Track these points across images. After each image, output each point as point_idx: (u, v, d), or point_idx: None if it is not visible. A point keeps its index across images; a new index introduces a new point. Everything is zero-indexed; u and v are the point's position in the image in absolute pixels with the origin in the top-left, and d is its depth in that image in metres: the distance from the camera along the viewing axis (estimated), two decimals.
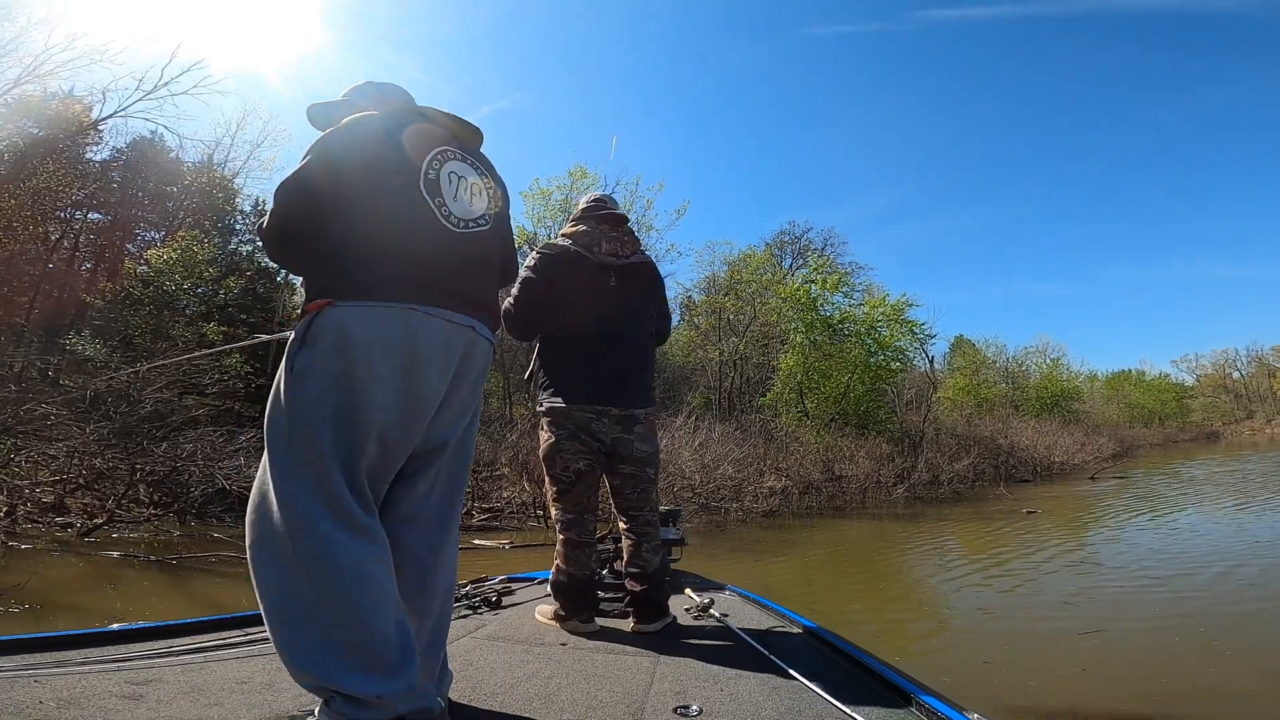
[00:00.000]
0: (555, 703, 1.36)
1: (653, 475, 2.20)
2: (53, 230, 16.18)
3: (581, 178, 17.19)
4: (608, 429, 2.09)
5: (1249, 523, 7.44)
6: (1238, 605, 4.13)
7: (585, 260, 2.14)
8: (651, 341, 2.29)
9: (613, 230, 2.22)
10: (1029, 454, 16.77)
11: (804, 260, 24.45)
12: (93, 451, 6.50)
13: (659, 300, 2.33)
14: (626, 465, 2.14)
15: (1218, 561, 5.39)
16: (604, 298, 2.14)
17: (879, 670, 1.53)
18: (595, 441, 2.10)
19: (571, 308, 2.12)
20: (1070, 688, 2.95)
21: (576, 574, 2.05)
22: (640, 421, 2.15)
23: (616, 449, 2.12)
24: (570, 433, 2.09)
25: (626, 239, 2.23)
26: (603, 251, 2.16)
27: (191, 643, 1.65)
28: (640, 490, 2.17)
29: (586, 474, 2.10)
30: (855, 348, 16.53)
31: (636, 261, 2.22)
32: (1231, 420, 52.82)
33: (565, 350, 2.16)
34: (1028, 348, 32.98)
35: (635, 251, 2.24)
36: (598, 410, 2.08)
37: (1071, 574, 5.36)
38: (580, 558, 2.07)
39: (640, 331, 2.23)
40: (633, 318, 2.20)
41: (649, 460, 2.17)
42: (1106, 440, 22.85)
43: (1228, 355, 59.95)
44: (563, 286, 2.11)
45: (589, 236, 2.18)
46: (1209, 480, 13.18)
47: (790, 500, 10.59)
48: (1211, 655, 3.27)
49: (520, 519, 9.08)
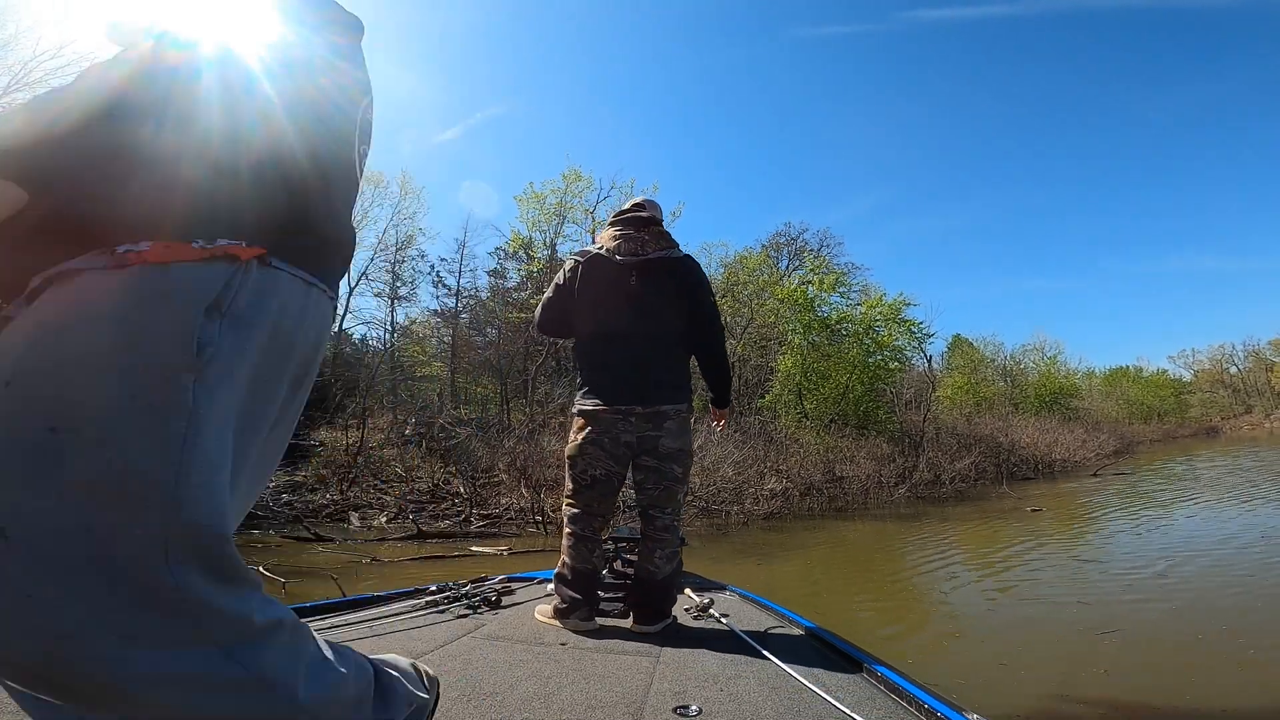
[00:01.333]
0: (555, 702, 1.36)
1: (679, 474, 2.13)
2: None
3: (576, 180, 17.17)
4: (634, 428, 2.09)
5: (1257, 516, 7.37)
6: (1257, 600, 4.05)
7: (607, 261, 2.18)
8: (679, 338, 2.20)
9: (636, 231, 2.22)
10: (1030, 452, 16.72)
11: (801, 261, 24.40)
12: None
13: (692, 296, 2.19)
14: (649, 458, 2.10)
15: (1230, 555, 5.33)
16: (625, 296, 2.15)
17: (879, 670, 1.53)
18: (620, 446, 2.09)
19: (595, 309, 2.17)
20: (1096, 690, 2.87)
21: (579, 567, 2.05)
22: (670, 418, 2.11)
23: (642, 445, 2.10)
24: (595, 436, 2.10)
25: (649, 238, 2.21)
26: (624, 251, 2.18)
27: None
28: (663, 487, 2.11)
29: (603, 481, 2.11)
30: (854, 348, 16.49)
31: (657, 257, 2.18)
32: (1230, 415, 52.85)
33: (591, 351, 2.19)
34: (1026, 345, 33.03)
35: (659, 248, 2.20)
36: (622, 410, 2.08)
37: (1080, 572, 5.29)
38: (583, 551, 2.07)
39: (663, 326, 2.17)
40: (653, 313, 2.15)
41: (675, 456, 2.11)
42: (1107, 437, 22.78)
43: (1224, 350, 60.10)
44: (585, 289, 2.17)
45: (614, 239, 2.21)
46: (1213, 475, 13.12)
47: (791, 502, 10.50)
48: (1238, 653, 3.19)
49: (519, 525, 8.97)
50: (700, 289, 2.22)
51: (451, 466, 11.67)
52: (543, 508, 9.00)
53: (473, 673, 1.52)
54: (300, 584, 5.16)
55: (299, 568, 5.92)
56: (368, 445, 12.65)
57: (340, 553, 7.09)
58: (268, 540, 7.51)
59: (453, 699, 1.33)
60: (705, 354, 2.27)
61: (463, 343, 23.02)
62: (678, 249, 2.24)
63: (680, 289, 2.19)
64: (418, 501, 10.27)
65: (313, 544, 7.43)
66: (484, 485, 10.52)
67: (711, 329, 2.24)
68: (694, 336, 2.22)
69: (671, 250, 2.21)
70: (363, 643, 1.72)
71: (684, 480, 2.16)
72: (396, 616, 2.06)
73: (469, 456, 11.48)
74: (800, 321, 16.79)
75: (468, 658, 1.65)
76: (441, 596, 2.28)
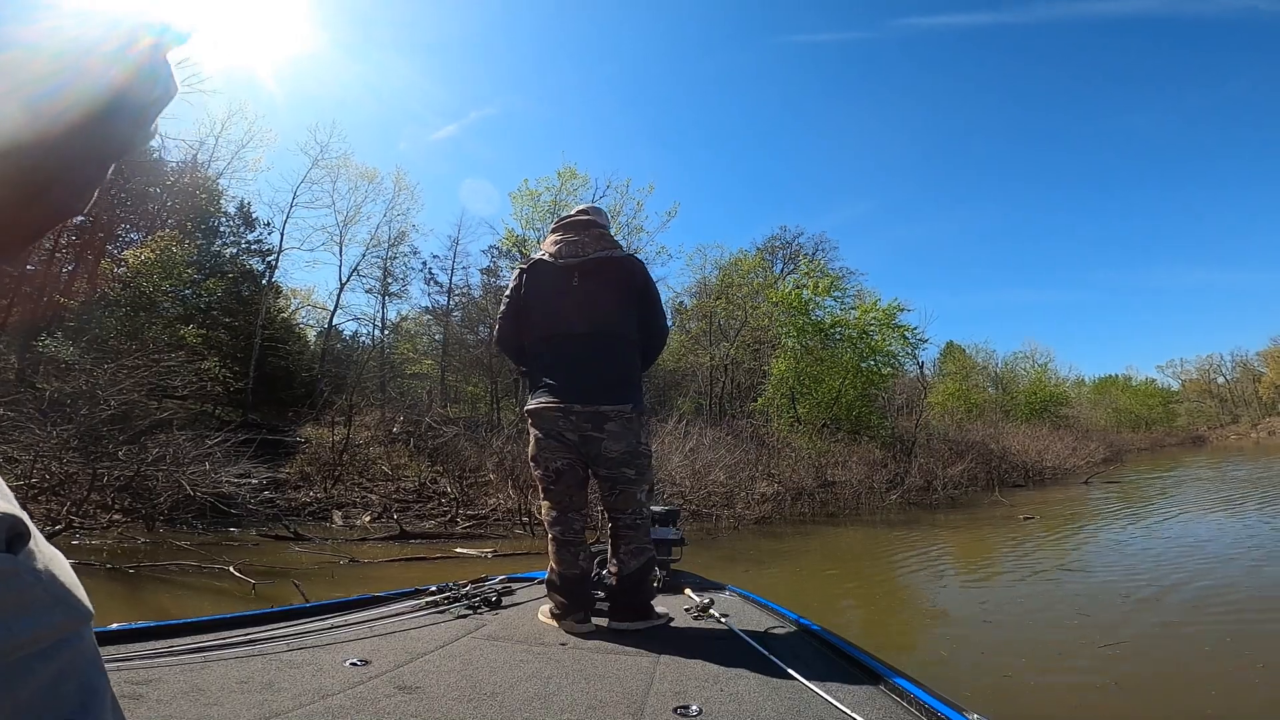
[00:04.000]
0: (555, 702, 1.35)
1: (632, 476, 2.13)
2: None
3: (571, 178, 17.03)
4: (575, 426, 2.09)
5: (1250, 525, 7.34)
6: (1259, 612, 3.99)
7: (548, 265, 2.23)
8: (624, 336, 2.21)
9: (577, 234, 2.26)
10: (1021, 459, 16.72)
11: (795, 265, 24.35)
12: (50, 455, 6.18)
13: (637, 294, 2.23)
14: (600, 467, 2.13)
15: (1228, 566, 5.27)
16: (566, 297, 2.18)
17: (879, 670, 1.52)
18: (565, 440, 2.11)
19: (537, 311, 2.22)
20: (1108, 705, 2.79)
21: (565, 572, 2.06)
22: (610, 419, 2.10)
23: (587, 449, 2.11)
24: (543, 433, 2.13)
25: (589, 240, 2.24)
26: (564, 254, 2.22)
27: (191, 643, 1.64)
28: (618, 492, 2.13)
29: (566, 472, 2.13)
30: (847, 352, 16.42)
31: (598, 257, 2.20)
32: (1216, 425, 53.39)
33: (535, 352, 2.23)
34: (1017, 353, 33.17)
35: (602, 249, 2.23)
36: (562, 409, 2.09)
37: (1077, 581, 5.20)
38: (567, 556, 2.08)
39: (605, 325, 2.18)
40: (595, 313, 2.18)
41: (623, 460, 2.11)
42: (1096, 445, 22.84)
43: (1212, 360, 60.79)
44: (530, 294, 2.23)
45: (554, 244, 2.26)
46: (1202, 484, 13.13)
47: (783, 507, 10.39)
48: (1248, 665, 3.12)
49: (506, 526, 8.80)
50: (648, 295, 2.26)
51: (439, 466, 11.49)
52: (529, 509, 8.85)
53: (473, 673, 1.53)
54: (272, 586, 4.98)
55: (273, 568, 5.73)
56: (354, 443, 12.44)
57: (318, 553, 6.90)
58: (245, 538, 7.31)
59: (453, 699, 1.32)
60: (643, 360, 2.34)
61: (454, 340, 22.80)
62: (620, 249, 2.27)
63: (626, 289, 2.21)
64: (403, 500, 10.09)
65: (291, 543, 7.23)
66: (471, 485, 10.35)
67: (657, 322, 2.30)
68: (646, 331, 2.27)
69: (613, 250, 2.24)
70: (363, 643, 1.72)
71: (639, 480, 2.15)
72: (396, 617, 2.05)
73: (457, 456, 11.31)
74: (794, 325, 16.72)
75: (468, 658, 1.65)
76: (442, 597, 2.28)
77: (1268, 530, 6.97)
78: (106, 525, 6.53)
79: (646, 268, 2.31)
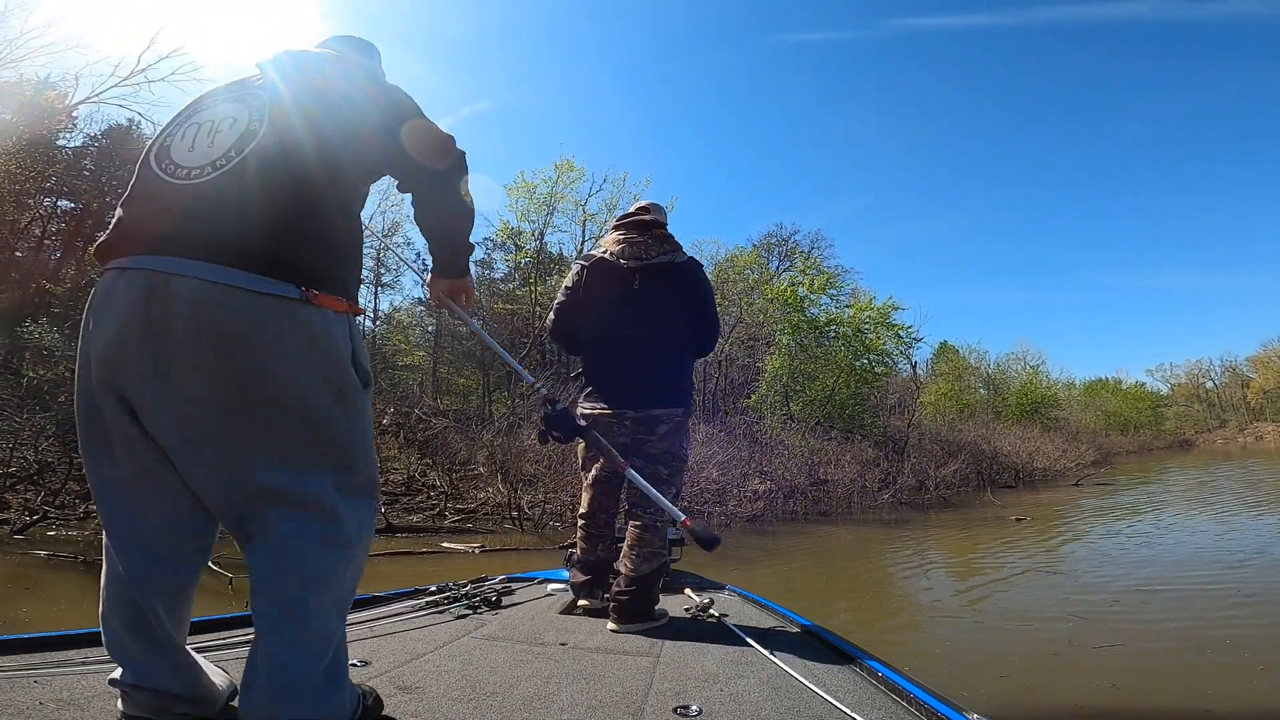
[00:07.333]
0: (554, 703, 1.35)
1: (665, 476, 2.14)
2: (20, 217, 15.50)
3: (568, 170, 16.87)
4: (628, 431, 2.15)
5: (1237, 527, 7.37)
6: (1255, 611, 3.99)
7: (611, 265, 2.23)
8: (679, 341, 2.27)
9: (639, 234, 2.26)
10: (1012, 460, 16.77)
11: (791, 262, 24.31)
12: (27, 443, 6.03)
13: (694, 300, 2.27)
14: (638, 459, 2.12)
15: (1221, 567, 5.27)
16: (625, 300, 2.20)
17: (879, 670, 1.52)
18: (616, 448, 2.07)
19: (596, 312, 2.24)
20: (1108, 705, 2.76)
21: (586, 558, 2.22)
22: (663, 421, 2.16)
23: (635, 448, 2.15)
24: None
25: (651, 241, 2.25)
26: (627, 255, 2.22)
27: (191, 643, 1.56)
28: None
29: (603, 481, 2.24)
30: (841, 350, 16.40)
31: (659, 262, 2.21)
32: (1204, 429, 53.84)
33: (593, 354, 2.28)
34: (1009, 354, 33.25)
35: (662, 252, 2.23)
36: (615, 415, 2.15)
37: (1069, 582, 5.18)
38: (588, 546, 2.23)
39: (661, 330, 2.21)
40: (652, 317, 2.20)
41: (661, 458, 2.14)
42: (1086, 448, 23.01)
43: (1201, 365, 61.16)
44: (590, 293, 2.24)
45: (617, 243, 2.26)
46: (1191, 487, 13.20)
47: (775, 504, 10.35)
48: (1246, 664, 3.11)
49: (495, 521, 8.71)
50: (706, 301, 2.29)
51: (429, 458, 11.37)
52: (520, 504, 8.75)
53: (473, 673, 1.52)
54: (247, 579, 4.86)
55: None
56: None
57: None
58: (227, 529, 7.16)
59: (453, 699, 1.32)
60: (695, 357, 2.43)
61: (446, 332, 22.64)
62: (681, 253, 2.27)
63: (684, 294, 2.24)
64: (391, 494, 9.97)
65: None
66: (461, 478, 10.24)
67: (710, 332, 2.35)
68: (698, 338, 2.32)
69: (675, 254, 2.24)
70: (363, 643, 1.72)
71: (669, 482, 2.14)
72: (396, 617, 2.05)
73: (447, 448, 11.19)
74: (789, 322, 16.68)
75: (468, 658, 1.65)
76: (441, 597, 2.29)
77: (1256, 532, 6.98)
78: (83, 516, 6.37)
79: (703, 270, 2.34)
